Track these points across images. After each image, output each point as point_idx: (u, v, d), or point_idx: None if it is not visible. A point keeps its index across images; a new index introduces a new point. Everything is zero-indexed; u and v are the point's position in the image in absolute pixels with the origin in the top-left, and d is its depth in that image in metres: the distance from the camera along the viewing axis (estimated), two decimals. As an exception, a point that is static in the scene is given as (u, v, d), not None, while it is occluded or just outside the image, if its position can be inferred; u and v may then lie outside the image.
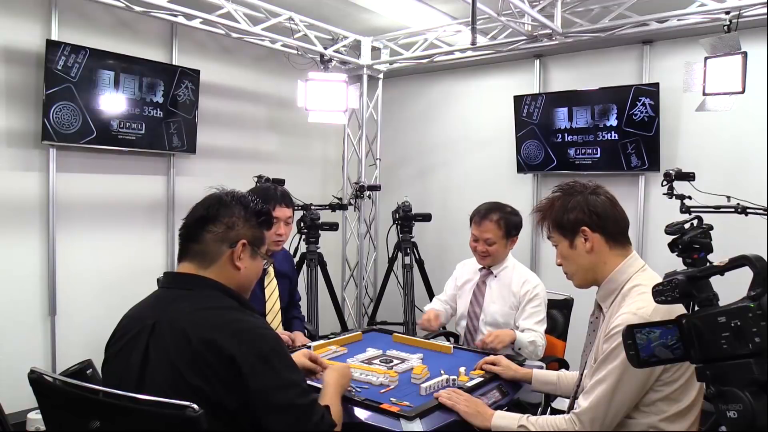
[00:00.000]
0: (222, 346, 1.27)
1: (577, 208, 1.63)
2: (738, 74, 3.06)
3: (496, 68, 4.86)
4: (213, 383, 1.26)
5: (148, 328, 1.35)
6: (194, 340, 1.28)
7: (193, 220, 1.47)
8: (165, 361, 1.30)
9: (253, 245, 1.48)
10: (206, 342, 1.27)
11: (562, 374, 2.02)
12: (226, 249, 1.44)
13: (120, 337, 1.42)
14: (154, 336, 1.34)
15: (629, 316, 1.46)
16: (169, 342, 1.31)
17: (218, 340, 1.28)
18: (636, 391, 1.49)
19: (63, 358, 3.49)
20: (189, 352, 1.27)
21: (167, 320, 1.35)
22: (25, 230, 3.41)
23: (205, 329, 1.30)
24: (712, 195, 3.02)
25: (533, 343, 2.43)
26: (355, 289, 5.05)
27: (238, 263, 1.45)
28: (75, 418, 1.31)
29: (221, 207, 1.46)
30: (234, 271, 1.45)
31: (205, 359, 1.26)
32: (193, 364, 1.27)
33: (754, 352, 1.04)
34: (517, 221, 2.65)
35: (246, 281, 1.50)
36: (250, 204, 1.51)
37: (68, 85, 3.36)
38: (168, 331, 1.33)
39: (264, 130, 4.74)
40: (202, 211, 1.46)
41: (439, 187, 5.18)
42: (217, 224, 1.44)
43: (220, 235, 1.44)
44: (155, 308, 1.42)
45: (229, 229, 1.45)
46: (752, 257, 1.08)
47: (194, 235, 1.45)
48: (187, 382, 1.26)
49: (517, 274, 2.66)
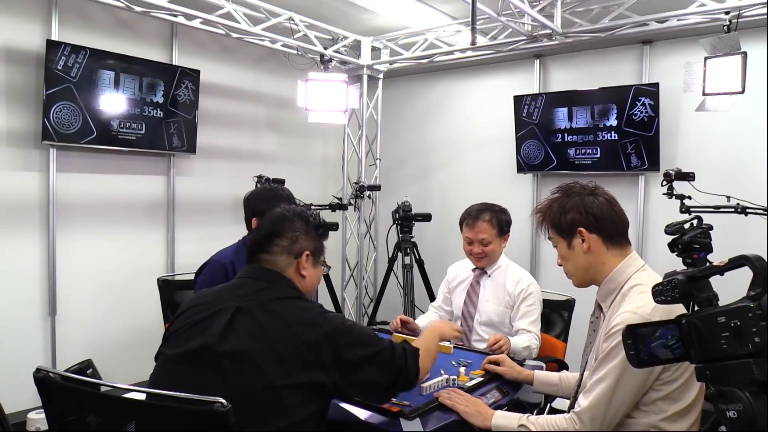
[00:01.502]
0: (311, 324, 1.44)
1: (573, 210, 1.65)
2: (738, 74, 3.06)
3: (496, 68, 4.86)
4: (310, 362, 1.40)
5: (230, 309, 1.45)
6: (287, 318, 1.43)
7: (263, 235, 1.63)
8: (259, 335, 1.40)
9: (315, 255, 1.65)
10: (298, 321, 1.43)
11: (563, 375, 2.02)
12: (292, 260, 1.60)
13: (193, 314, 1.50)
14: (240, 313, 1.44)
15: (629, 315, 1.46)
16: (258, 317, 1.44)
17: (309, 318, 1.45)
18: (636, 390, 1.49)
19: (63, 358, 3.49)
20: (281, 327, 1.42)
21: (255, 304, 1.47)
22: (25, 230, 3.41)
23: (296, 310, 1.47)
24: (712, 195, 3.02)
25: (527, 348, 2.43)
26: (355, 289, 5.05)
27: (303, 272, 1.61)
28: (85, 417, 1.31)
29: (285, 222, 1.64)
30: (300, 278, 1.61)
31: (304, 340, 1.40)
32: (292, 344, 1.40)
33: (754, 352, 1.03)
34: (507, 219, 2.69)
35: (309, 287, 1.66)
36: (310, 218, 1.68)
37: (68, 85, 3.36)
38: (258, 311, 1.45)
39: (264, 130, 4.75)
40: (270, 227, 1.63)
41: (439, 187, 5.18)
42: (284, 238, 1.61)
43: (286, 248, 1.60)
44: (235, 294, 1.52)
45: (293, 242, 1.61)
46: (752, 257, 1.08)
47: (264, 247, 1.61)
48: (275, 348, 1.38)
49: (510, 273, 2.66)
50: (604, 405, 1.50)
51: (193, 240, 4.13)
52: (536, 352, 2.49)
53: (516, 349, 2.37)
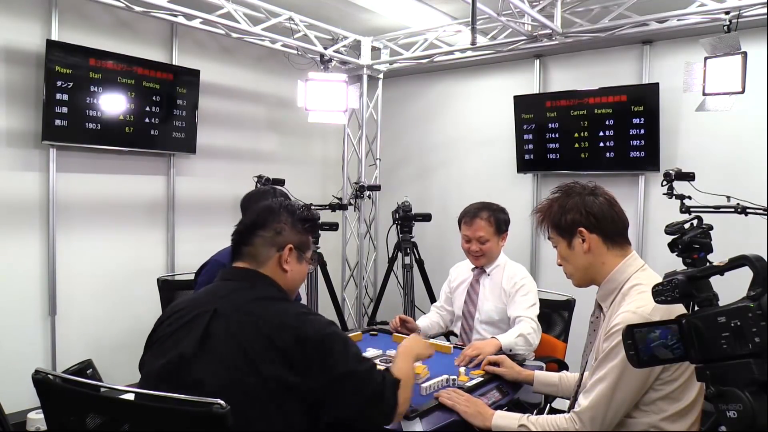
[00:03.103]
0: (287, 329, 1.38)
1: (574, 210, 1.65)
2: (738, 74, 3.06)
3: (496, 68, 4.86)
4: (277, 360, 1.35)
5: (207, 313, 1.42)
6: (261, 323, 1.38)
7: (245, 225, 1.59)
8: (228, 339, 1.37)
9: (300, 249, 1.60)
10: (272, 325, 1.38)
11: (563, 376, 2.02)
12: (274, 252, 1.55)
13: (173, 321, 1.48)
14: (215, 319, 1.41)
15: (629, 315, 1.46)
16: (235, 324, 1.39)
17: (284, 322, 1.39)
18: (636, 390, 1.49)
19: (63, 358, 3.49)
20: (255, 333, 1.37)
21: (231, 307, 1.43)
22: (25, 230, 3.41)
23: (273, 315, 1.42)
24: (712, 195, 3.02)
25: (521, 335, 2.34)
26: (355, 289, 5.05)
27: (285, 266, 1.56)
28: (85, 419, 1.31)
29: (270, 214, 1.59)
30: (282, 273, 1.56)
31: (271, 340, 1.36)
32: (259, 343, 1.35)
33: (754, 352, 1.04)
34: (505, 218, 2.69)
35: (292, 283, 1.60)
36: (296, 211, 1.63)
37: (68, 85, 3.36)
38: (233, 315, 1.41)
39: (264, 130, 4.74)
40: (253, 218, 1.59)
41: (439, 187, 5.18)
42: (267, 230, 1.56)
43: (269, 240, 1.56)
44: (214, 297, 1.49)
45: (277, 234, 1.56)
46: (752, 257, 1.08)
47: (246, 239, 1.57)
48: (249, 357, 1.34)
49: (507, 271, 2.67)
50: (604, 405, 1.50)
51: (193, 240, 4.13)
52: (536, 338, 2.41)
53: (509, 343, 2.29)
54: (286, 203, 1.65)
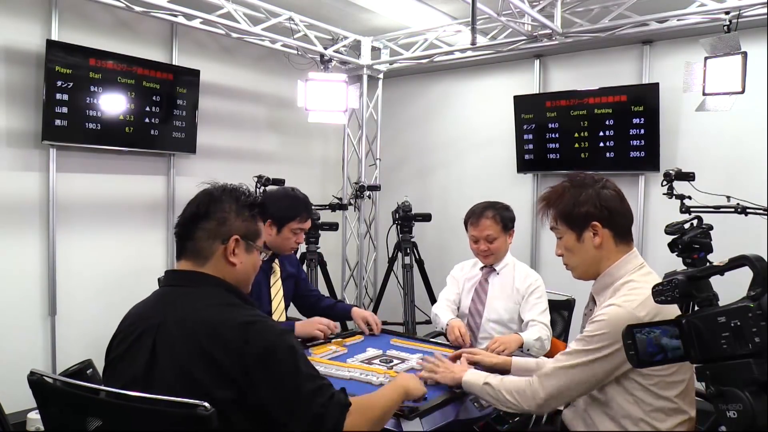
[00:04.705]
0: (228, 342, 1.26)
1: (588, 202, 1.60)
2: (738, 74, 3.06)
3: (496, 68, 4.86)
4: (221, 380, 1.24)
5: (153, 328, 1.33)
6: (202, 339, 1.26)
7: (185, 218, 1.44)
8: (173, 361, 1.28)
9: (247, 239, 1.44)
10: (213, 339, 1.26)
11: (541, 361, 2.00)
12: (218, 245, 1.40)
13: (123, 338, 1.39)
14: (160, 335, 1.31)
15: (614, 308, 1.49)
16: (177, 341, 1.29)
17: (224, 335, 1.26)
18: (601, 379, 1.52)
19: (63, 358, 3.49)
20: (197, 351, 1.26)
21: (173, 319, 1.33)
22: (25, 230, 3.41)
23: (211, 326, 1.28)
24: (712, 195, 3.02)
25: (539, 339, 2.42)
26: (355, 289, 5.05)
27: (233, 259, 1.41)
28: (79, 420, 1.30)
29: (212, 202, 1.43)
30: (229, 267, 1.41)
31: (212, 356, 1.25)
32: (202, 362, 1.25)
33: (754, 352, 1.04)
34: (510, 215, 2.70)
35: (243, 276, 1.46)
36: (241, 197, 1.47)
37: (68, 85, 3.35)
38: (174, 330, 1.31)
39: (264, 130, 4.74)
40: (193, 209, 1.43)
41: (439, 187, 5.18)
42: (209, 221, 1.41)
43: (211, 232, 1.40)
44: (158, 307, 1.39)
45: (220, 224, 1.41)
46: (752, 257, 1.08)
47: (188, 233, 1.42)
48: (196, 380, 1.24)
49: (518, 271, 2.68)
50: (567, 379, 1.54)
51: (193, 240, 4.12)
52: (549, 343, 2.47)
53: (529, 343, 2.38)
54: (230, 188, 1.48)
